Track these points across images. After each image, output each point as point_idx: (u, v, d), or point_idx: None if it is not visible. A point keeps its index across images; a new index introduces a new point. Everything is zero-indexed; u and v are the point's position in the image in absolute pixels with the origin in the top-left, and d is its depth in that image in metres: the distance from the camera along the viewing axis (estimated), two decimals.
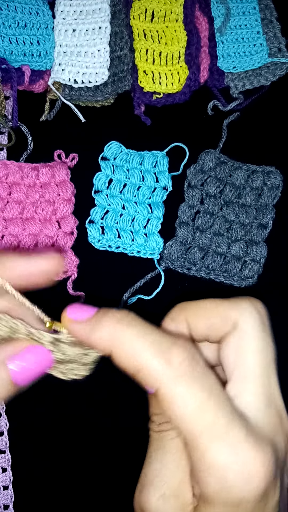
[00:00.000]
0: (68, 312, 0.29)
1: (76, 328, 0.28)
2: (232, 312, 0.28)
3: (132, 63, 0.55)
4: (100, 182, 0.54)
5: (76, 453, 0.50)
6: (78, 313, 0.29)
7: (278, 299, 0.53)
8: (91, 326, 0.27)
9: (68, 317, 0.29)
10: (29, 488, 0.50)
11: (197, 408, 0.25)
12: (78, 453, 0.50)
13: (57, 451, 0.50)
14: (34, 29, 0.53)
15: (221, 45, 0.55)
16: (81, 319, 0.28)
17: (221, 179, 0.54)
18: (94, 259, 0.53)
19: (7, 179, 0.53)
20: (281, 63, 0.55)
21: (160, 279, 0.52)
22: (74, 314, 0.29)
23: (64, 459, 0.50)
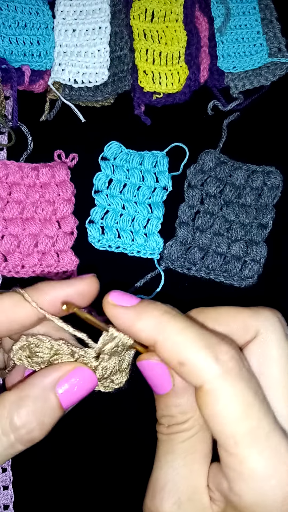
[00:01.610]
0: (111, 296, 0.28)
1: (119, 313, 0.28)
2: (254, 320, 0.28)
3: (132, 63, 0.55)
4: (100, 182, 0.54)
5: (76, 453, 0.50)
6: (123, 299, 0.28)
7: (278, 299, 0.53)
8: (136, 313, 0.27)
9: (113, 301, 0.28)
10: (29, 488, 0.50)
11: (243, 410, 0.24)
12: (78, 453, 0.50)
13: (57, 451, 0.50)
14: (34, 29, 0.53)
15: (221, 45, 0.55)
16: (126, 305, 0.28)
17: (221, 179, 0.54)
18: (94, 259, 0.53)
19: (7, 179, 0.53)
20: (281, 63, 0.55)
21: (160, 279, 0.52)
22: (118, 299, 0.28)
23: (64, 459, 0.50)
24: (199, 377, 0.25)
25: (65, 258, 0.52)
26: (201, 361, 0.24)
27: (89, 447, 0.51)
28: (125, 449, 0.50)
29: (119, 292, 0.28)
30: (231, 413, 0.24)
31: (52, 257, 0.52)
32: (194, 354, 0.25)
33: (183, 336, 0.25)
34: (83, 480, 0.50)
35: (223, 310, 0.29)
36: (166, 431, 0.29)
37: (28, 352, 0.29)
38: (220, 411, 0.24)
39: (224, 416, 0.24)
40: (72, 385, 0.28)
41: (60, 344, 0.29)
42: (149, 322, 0.26)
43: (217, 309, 0.29)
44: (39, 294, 0.29)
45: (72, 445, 0.50)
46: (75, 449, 0.50)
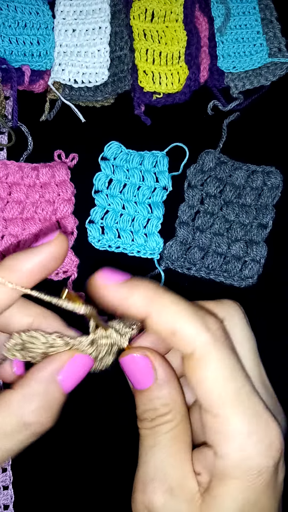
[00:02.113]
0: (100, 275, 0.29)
1: (110, 290, 0.28)
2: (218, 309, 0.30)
3: (132, 63, 0.55)
4: (100, 182, 0.54)
5: (76, 453, 0.50)
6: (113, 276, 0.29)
7: (278, 299, 0.53)
8: (128, 289, 0.28)
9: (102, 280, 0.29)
10: (29, 488, 0.50)
11: (229, 373, 0.26)
12: (78, 453, 0.50)
13: (57, 451, 0.50)
14: (34, 29, 0.53)
15: (221, 45, 0.55)
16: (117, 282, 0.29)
17: (221, 179, 0.54)
18: (94, 259, 0.53)
19: (7, 179, 0.53)
20: (281, 63, 0.55)
21: (160, 279, 0.52)
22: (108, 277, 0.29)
23: (64, 459, 0.50)
24: (191, 344, 0.26)
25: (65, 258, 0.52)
26: (193, 329, 0.26)
27: (89, 447, 0.51)
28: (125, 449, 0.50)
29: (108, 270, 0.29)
30: (219, 375, 0.26)
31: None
32: (186, 323, 0.27)
33: (174, 307, 0.27)
34: (83, 480, 0.50)
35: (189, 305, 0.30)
36: (149, 425, 0.30)
37: (21, 348, 0.30)
38: (209, 374, 0.26)
39: (213, 379, 0.26)
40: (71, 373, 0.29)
41: (54, 339, 0.29)
42: (141, 297, 0.28)
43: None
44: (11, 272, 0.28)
45: (72, 445, 0.50)
46: (75, 449, 0.50)
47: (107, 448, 0.50)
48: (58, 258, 0.30)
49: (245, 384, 0.26)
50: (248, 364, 0.29)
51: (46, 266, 0.29)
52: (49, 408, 0.28)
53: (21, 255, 0.29)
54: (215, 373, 0.26)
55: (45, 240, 0.29)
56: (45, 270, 0.29)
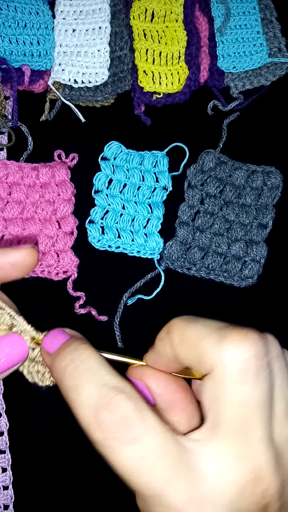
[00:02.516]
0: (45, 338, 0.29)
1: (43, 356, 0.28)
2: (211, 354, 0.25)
3: (132, 63, 0.55)
4: (100, 182, 0.54)
5: (76, 453, 0.50)
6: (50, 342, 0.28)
7: (278, 299, 0.53)
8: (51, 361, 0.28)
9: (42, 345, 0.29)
10: (29, 488, 0.50)
11: None
12: (78, 453, 0.50)
13: (57, 451, 0.50)
14: (34, 29, 0.53)
15: (221, 45, 0.55)
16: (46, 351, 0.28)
17: (221, 179, 0.54)
18: (94, 259, 0.53)
19: (7, 179, 0.53)
20: (281, 63, 0.55)
21: (160, 279, 0.52)
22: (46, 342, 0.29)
23: (64, 459, 0.50)
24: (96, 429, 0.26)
25: (65, 258, 0.52)
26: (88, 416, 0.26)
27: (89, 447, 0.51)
28: None
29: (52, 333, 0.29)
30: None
31: (52, 257, 0.52)
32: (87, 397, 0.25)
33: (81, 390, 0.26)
34: (83, 480, 0.50)
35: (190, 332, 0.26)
36: None
37: None
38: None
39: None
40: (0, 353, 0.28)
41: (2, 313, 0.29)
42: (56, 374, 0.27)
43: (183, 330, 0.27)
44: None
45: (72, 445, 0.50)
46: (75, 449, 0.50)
47: None
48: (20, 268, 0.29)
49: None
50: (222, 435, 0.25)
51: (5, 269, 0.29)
52: None
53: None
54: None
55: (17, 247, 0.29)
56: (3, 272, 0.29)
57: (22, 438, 0.50)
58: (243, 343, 0.24)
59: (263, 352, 0.25)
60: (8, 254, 0.29)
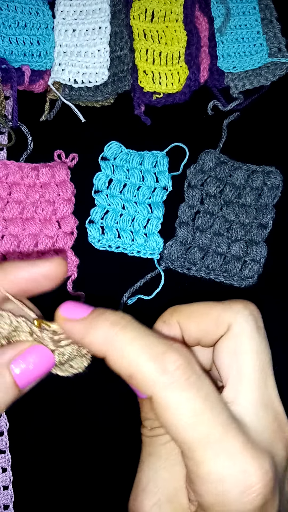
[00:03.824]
0: (62, 310, 0.28)
1: (70, 327, 0.27)
2: (225, 315, 0.28)
3: (132, 63, 0.55)
4: (100, 182, 0.54)
5: (76, 453, 0.50)
6: (72, 312, 0.28)
7: (278, 299, 0.53)
8: (85, 326, 0.27)
9: (62, 315, 0.28)
10: (29, 488, 0.50)
11: (192, 417, 0.24)
12: (78, 453, 0.50)
13: (57, 451, 0.50)
14: (34, 29, 0.53)
15: (221, 45, 0.55)
16: (75, 318, 0.27)
17: (221, 179, 0.54)
18: (94, 259, 0.53)
19: (7, 179, 0.53)
20: (281, 63, 0.55)
21: (160, 279, 0.52)
22: (68, 312, 0.28)
23: (64, 459, 0.50)
24: (148, 388, 0.25)
25: (65, 258, 0.52)
26: (148, 373, 0.25)
27: (89, 447, 0.51)
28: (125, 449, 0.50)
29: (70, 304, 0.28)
30: (182, 421, 0.24)
31: (52, 253, 0.52)
32: (141, 367, 0.25)
33: (130, 348, 0.25)
34: (83, 480, 0.50)
35: (196, 307, 0.29)
36: (148, 433, 0.29)
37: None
38: (171, 420, 0.24)
39: (176, 425, 0.24)
40: (27, 364, 0.28)
41: (19, 321, 0.29)
42: (97, 336, 0.26)
43: (191, 306, 0.30)
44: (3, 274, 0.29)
45: (72, 445, 0.50)
46: (75, 449, 0.50)
47: (107, 448, 0.50)
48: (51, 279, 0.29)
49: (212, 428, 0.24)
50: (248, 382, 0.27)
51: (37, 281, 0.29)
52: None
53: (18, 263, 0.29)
54: (176, 419, 0.24)
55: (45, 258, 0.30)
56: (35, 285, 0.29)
57: (22, 438, 0.50)
58: (250, 306, 0.29)
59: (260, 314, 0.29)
60: (40, 265, 0.29)
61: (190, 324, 0.29)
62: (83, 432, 0.51)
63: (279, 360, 0.52)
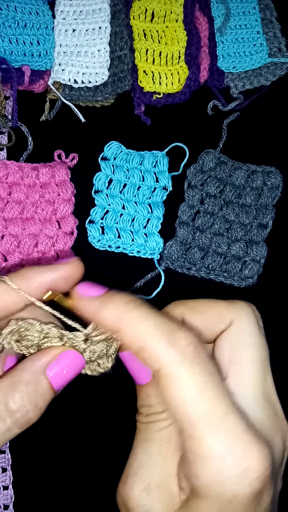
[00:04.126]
0: (79, 287, 0.30)
1: (85, 303, 0.29)
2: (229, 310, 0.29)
3: (132, 63, 0.55)
4: (100, 182, 0.54)
5: (76, 453, 0.50)
6: (89, 290, 0.29)
7: (278, 299, 0.53)
8: (100, 303, 0.28)
9: (79, 293, 0.30)
10: (29, 488, 0.50)
11: (198, 392, 0.25)
12: (78, 453, 0.50)
13: (57, 451, 0.50)
14: (34, 29, 0.53)
15: (221, 45, 0.55)
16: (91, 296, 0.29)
17: (221, 179, 0.54)
18: (94, 259, 0.53)
19: (7, 179, 0.53)
20: (281, 63, 0.55)
21: (160, 279, 0.52)
22: (84, 290, 0.30)
23: (64, 459, 0.50)
24: (157, 361, 0.26)
25: (65, 258, 0.52)
26: (159, 347, 0.26)
27: (89, 447, 0.51)
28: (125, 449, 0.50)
29: (86, 284, 0.30)
30: (187, 395, 0.25)
31: (52, 257, 0.52)
32: (153, 340, 0.26)
33: (143, 323, 0.27)
34: (83, 480, 0.50)
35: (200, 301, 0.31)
36: (144, 419, 0.30)
37: (17, 336, 0.30)
38: (177, 394, 0.25)
39: (181, 399, 0.25)
40: (61, 368, 0.29)
41: (50, 328, 0.30)
42: (110, 312, 0.28)
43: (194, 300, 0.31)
44: (24, 280, 0.30)
45: (72, 445, 0.50)
46: (75, 449, 0.50)
47: (107, 448, 0.50)
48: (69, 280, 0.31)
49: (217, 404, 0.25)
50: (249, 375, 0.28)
51: (56, 283, 0.30)
52: (34, 398, 0.28)
53: (38, 268, 0.30)
54: (183, 393, 0.25)
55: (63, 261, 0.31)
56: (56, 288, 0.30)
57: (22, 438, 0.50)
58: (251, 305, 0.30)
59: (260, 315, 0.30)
60: (59, 269, 0.30)
61: (193, 317, 0.30)
62: (83, 432, 0.51)
63: (279, 360, 0.52)
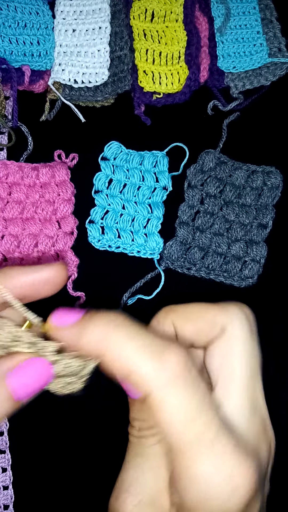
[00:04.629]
0: (53, 318, 0.28)
1: (62, 333, 0.27)
2: (221, 317, 0.28)
3: (132, 63, 0.55)
4: (100, 182, 0.54)
5: (76, 453, 0.50)
6: (64, 318, 0.27)
7: (278, 299, 0.53)
8: (78, 330, 0.26)
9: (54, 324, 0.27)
10: (29, 488, 0.50)
11: (188, 417, 0.24)
12: (78, 453, 0.50)
13: (57, 451, 0.50)
14: (34, 29, 0.53)
15: (221, 45, 0.55)
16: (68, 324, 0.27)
17: (221, 179, 0.54)
18: (94, 259, 0.53)
19: (7, 179, 0.53)
20: (281, 63, 0.55)
21: (160, 279, 0.52)
22: (59, 319, 0.28)
23: (64, 459, 0.50)
24: (146, 386, 0.25)
25: (65, 258, 0.52)
26: (146, 372, 0.24)
27: (89, 447, 0.51)
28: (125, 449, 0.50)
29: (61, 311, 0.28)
30: (178, 420, 0.24)
31: (52, 257, 0.52)
32: (140, 364, 0.25)
33: (128, 345, 0.25)
34: (83, 480, 0.50)
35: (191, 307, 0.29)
36: (137, 434, 0.29)
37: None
38: (167, 419, 0.24)
39: (171, 424, 0.24)
40: (24, 377, 0.27)
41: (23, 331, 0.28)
42: (91, 337, 0.26)
43: (185, 306, 0.29)
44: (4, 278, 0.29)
45: (72, 445, 0.51)
46: (75, 449, 0.50)
47: (107, 448, 0.50)
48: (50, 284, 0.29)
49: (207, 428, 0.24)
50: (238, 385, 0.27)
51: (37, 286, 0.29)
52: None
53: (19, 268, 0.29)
54: (173, 418, 0.24)
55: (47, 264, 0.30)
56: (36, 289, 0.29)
57: (22, 438, 0.50)
58: (245, 309, 0.29)
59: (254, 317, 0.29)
60: (40, 271, 0.29)
61: (185, 325, 0.29)
62: (83, 432, 0.51)
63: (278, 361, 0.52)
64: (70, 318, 0.27)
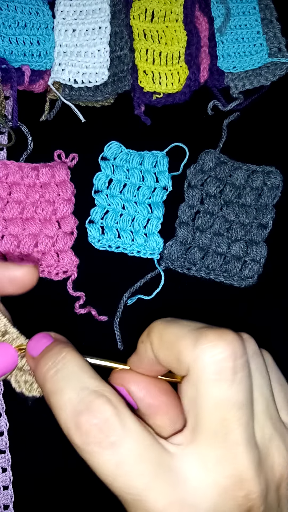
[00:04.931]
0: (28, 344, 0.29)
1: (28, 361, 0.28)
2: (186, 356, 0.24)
3: (132, 63, 0.55)
4: (100, 182, 0.54)
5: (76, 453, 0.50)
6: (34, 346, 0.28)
7: (278, 299, 0.53)
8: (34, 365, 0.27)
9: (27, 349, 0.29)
10: (29, 488, 0.50)
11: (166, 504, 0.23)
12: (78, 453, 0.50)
13: (57, 451, 0.50)
14: (34, 29, 0.53)
15: (221, 45, 0.55)
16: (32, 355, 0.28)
17: (221, 179, 0.54)
18: (94, 259, 0.53)
19: (7, 179, 0.53)
20: (281, 63, 0.55)
21: (160, 279, 0.52)
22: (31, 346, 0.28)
23: (64, 459, 0.50)
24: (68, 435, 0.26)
25: (65, 258, 0.52)
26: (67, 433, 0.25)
27: None
28: None
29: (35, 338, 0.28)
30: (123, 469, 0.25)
31: (52, 257, 0.52)
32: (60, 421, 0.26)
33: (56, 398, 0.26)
34: (83, 479, 0.50)
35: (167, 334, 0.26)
36: None
37: None
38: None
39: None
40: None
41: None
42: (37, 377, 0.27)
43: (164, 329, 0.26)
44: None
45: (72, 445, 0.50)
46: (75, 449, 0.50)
47: None
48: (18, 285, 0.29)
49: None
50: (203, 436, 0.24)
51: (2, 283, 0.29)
52: None
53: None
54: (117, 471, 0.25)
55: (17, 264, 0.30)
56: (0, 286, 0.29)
57: (22, 438, 0.50)
58: (219, 343, 0.24)
59: (240, 352, 0.24)
60: (8, 269, 0.29)
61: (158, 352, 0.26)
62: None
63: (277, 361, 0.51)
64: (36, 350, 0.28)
